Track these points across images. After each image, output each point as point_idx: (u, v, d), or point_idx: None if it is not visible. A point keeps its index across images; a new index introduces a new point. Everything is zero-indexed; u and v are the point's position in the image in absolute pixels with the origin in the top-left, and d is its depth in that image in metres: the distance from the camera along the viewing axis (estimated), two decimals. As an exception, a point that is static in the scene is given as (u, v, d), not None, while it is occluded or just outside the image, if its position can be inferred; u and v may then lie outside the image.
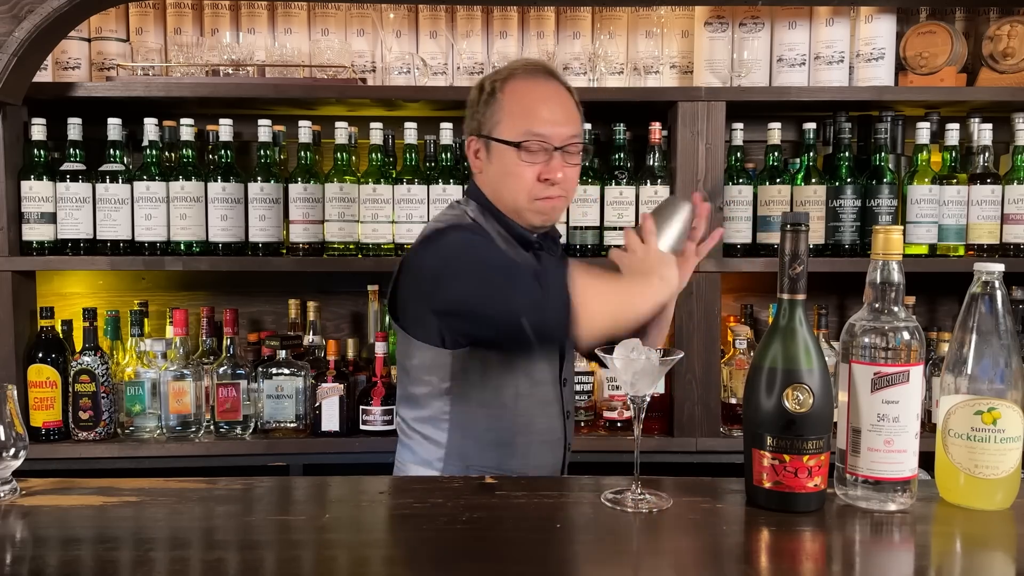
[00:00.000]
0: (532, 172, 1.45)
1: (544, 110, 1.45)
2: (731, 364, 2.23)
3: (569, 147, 1.46)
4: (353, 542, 1.01)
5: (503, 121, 1.46)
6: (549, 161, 1.44)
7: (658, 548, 0.99)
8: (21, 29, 1.78)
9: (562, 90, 1.50)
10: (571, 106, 1.50)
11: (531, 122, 1.44)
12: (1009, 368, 1.08)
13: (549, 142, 1.44)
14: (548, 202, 1.47)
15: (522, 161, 1.44)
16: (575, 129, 1.47)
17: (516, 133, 1.44)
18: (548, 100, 1.47)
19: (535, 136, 1.43)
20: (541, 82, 1.49)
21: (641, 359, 1.08)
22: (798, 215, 1.08)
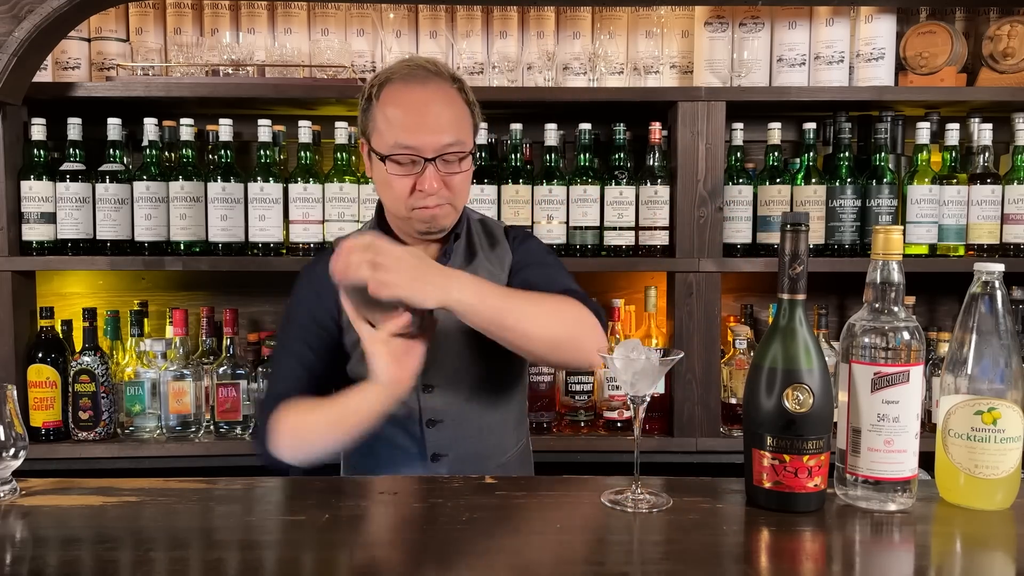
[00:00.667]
0: (404, 184, 1.39)
1: (414, 119, 1.38)
2: (731, 364, 2.23)
3: (446, 156, 1.38)
4: (353, 542, 1.01)
5: (376, 130, 1.42)
6: (422, 172, 1.38)
7: (658, 548, 0.99)
8: (21, 29, 1.78)
9: (442, 92, 1.41)
10: (451, 111, 1.40)
11: (399, 133, 1.37)
12: (1009, 368, 1.08)
13: (419, 154, 1.37)
14: (426, 211, 1.41)
15: (392, 174, 1.39)
16: (453, 136, 1.38)
17: (385, 145, 1.39)
18: (420, 107, 1.38)
19: (404, 149, 1.37)
20: (415, 87, 1.39)
21: (641, 359, 1.08)
22: (798, 215, 1.08)
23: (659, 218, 2.20)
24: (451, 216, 1.46)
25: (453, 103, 1.42)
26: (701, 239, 2.18)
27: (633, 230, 2.21)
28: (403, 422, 1.46)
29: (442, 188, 1.40)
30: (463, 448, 1.48)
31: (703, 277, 2.18)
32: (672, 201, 2.21)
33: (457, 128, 1.40)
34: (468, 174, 1.45)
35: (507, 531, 1.04)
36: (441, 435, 1.47)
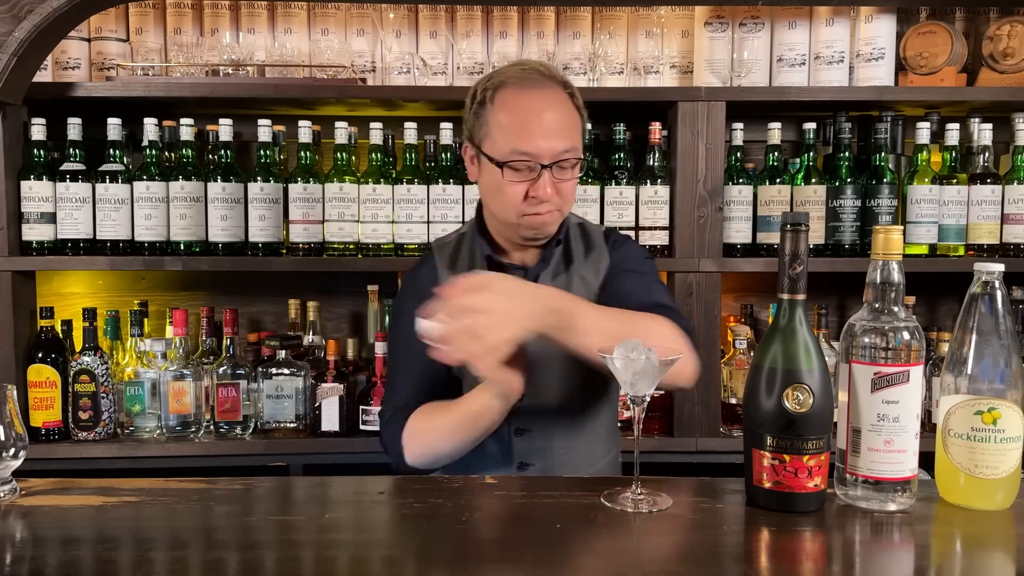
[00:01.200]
0: (518, 190, 1.39)
1: (532, 125, 1.37)
2: (731, 364, 2.23)
3: (561, 162, 1.39)
4: (353, 542, 1.01)
5: (490, 135, 1.41)
6: (537, 179, 1.38)
7: (658, 548, 0.99)
8: (21, 29, 1.78)
9: (556, 98, 1.41)
10: (565, 117, 1.41)
11: (517, 139, 1.37)
12: (1009, 368, 1.08)
13: (536, 160, 1.37)
14: (537, 218, 1.41)
15: (507, 180, 1.39)
16: (568, 143, 1.39)
17: (502, 151, 1.38)
18: (537, 114, 1.38)
19: (521, 156, 1.37)
20: (531, 93, 1.40)
21: (641, 359, 1.08)
22: (798, 215, 1.08)
23: (659, 218, 2.20)
24: (558, 223, 1.47)
25: (566, 109, 1.42)
26: (701, 239, 2.18)
27: (633, 230, 2.21)
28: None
29: (554, 195, 1.40)
30: (550, 458, 1.48)
31: (703, 277, 2.18)
32: (672, 201, 2.21)
33: (571, 134, 1.41)
34: (576, 180, 1.46)
35: (507, 531, 1.04)
36: (529, 444, 1.48)
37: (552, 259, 1.50)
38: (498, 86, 1.41)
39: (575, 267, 1.51)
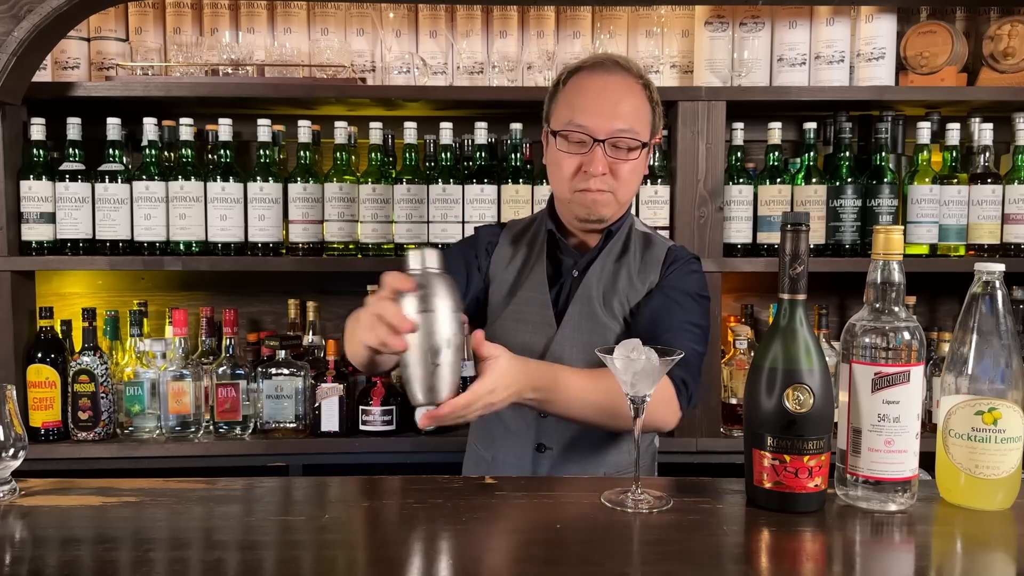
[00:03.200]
0: (571, 162, 1.44)
1: (591, 101, 1.42)
2: (731, 364, 2.23)
3: (616, 141, 1.42)
4: (353, 542, 1.01)
5: (556, 111, 1.48)
6: (590, 152, 1.42)
7: (658, 548, 0.98)
8: (20, 29, 1.77)
9: (624, 82, 1.45)
10: (629, 101, 1.44)
11: (575, 112, 1.42)
12: (1010, 368, 1.08)
13: (590, 134, 1.41)
14: (588, 195, 1.44)
15: (561, 151, 1.44)
16: (627, 123, 1.42)
17: (560, 123, 1.45)
18: (599, 92, 1.43)
19: (576, 127, 1.42)
20: (600, 75, 1.45)
21: (641, 359, 1.08)
22: (798, 215, 1.08)
23: (659, 218, 2.20)
24: (612, 206, 1.48)
25: (634, 95, 1.46)
26: (701, 239, 2.18)
27: (633, 230, 2.21)
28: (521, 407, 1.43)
29: (607, 174, 1.43)
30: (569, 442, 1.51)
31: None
32: (672, 201, 2.20)
33: (633, 117, 1.44)
34: (638, 166, 1.47)
35: (507, 531, 1.04)
36: (550, 426, 1.50)
37: (605, 252, 1.53)
38: (574, 71, 1.48)
39: (626, 264, 1.53)
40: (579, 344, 1.48)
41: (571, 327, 1.50)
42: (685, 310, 1.49)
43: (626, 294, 1.51)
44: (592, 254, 1.54)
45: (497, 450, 1.56)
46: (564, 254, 1.55)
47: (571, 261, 1.55)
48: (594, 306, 1.50)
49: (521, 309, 1.53)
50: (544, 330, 1.51)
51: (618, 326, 1.51)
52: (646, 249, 1.56)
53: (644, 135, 1.45)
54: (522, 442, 1.53)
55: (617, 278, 1.52)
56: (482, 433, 1.61)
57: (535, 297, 1.53)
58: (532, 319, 1.52)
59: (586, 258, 1.54)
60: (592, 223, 1.50)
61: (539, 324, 1.52)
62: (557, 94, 1.49)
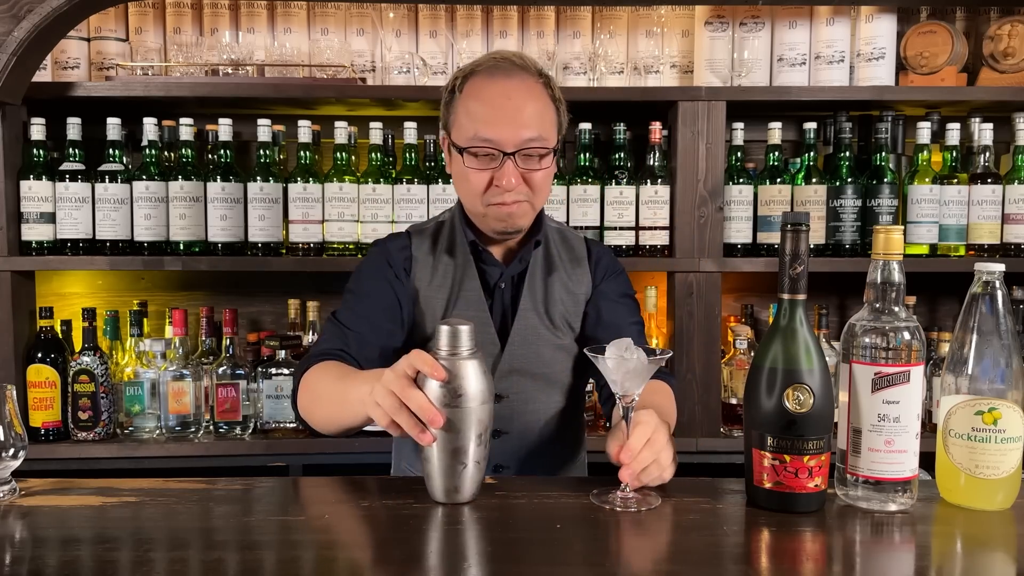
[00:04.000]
0: (481, 178, 1.37)
1: (495, 112, 1.35)
2: (731, 364, 2.23)
3: (527, 151, 1.35)
4: (353, 543, 1.01)
5: (457, 123, 1.40)
6: (500, 167, 1.35)
7: (658, 548, 0.98)
8: (20, 29, 1.78)
9: (525, 86, 1.37)
10: (534, 106, 1.37)
11: (479, 126, 1.35)
12: (1010, 368, 1.08)
13: (499, 148, 1.34)
14: (503, 208, 1.38)
15: (470, 167, 1.38)
16: (535, 131, 1.35)
17: (465, 138, 1.37)
18: (502, 101, 1.35)
19: (482, 142, 1.35)
20: (499, 80, 1.37)
21: (633, 359, 1.07)
22: (798, 215, 1.08)
23: (659, 218, 2.20)
24: (529, 215, 1.43)
25: (537, 98, 1.38)
26: (701, 239, 2.18)
27: (633, 230, 2.21)
28: None
29: (520, 184, 1.38)
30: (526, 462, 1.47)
31: (703, 277, 2.18)
32: (672, 201, 2.20)
33: (539, 123, 1.37)
34: (549, 172, 1.42)
35: (506, 531, 1.04)
36: (504, 447, 1.45)
37: (533, 261, 1.49)
38: (468, 74, 1.40)
39: (558, 275, 1.51)
40: (527, 359, 1.45)
41: (517, 344, 1.46)
42: (629, 310, 1.52)
43: (565, 305, 1.49)
44: (519, 267, 1.49)
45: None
46: (488, 264, 1.49)
47: (497, 272, 1.48)
48: (536, 320, 1.47)
49: None
50: (488, 349, 1.44)
51: (562, 335, 1.48)
52: (567, 249, 1.54)
53: (552, 140, 1.40)
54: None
55: (552, 289, 1.49)
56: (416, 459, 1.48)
57: (474, 316, 1.44)
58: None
59: (512, 271, 1.48)
60: (511, 234, 1.45)
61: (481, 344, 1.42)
62: (454, 101, 1.41)
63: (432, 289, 1.48)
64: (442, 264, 1.49)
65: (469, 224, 1.49)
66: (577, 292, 1.51)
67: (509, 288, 1.49)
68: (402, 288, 1.47)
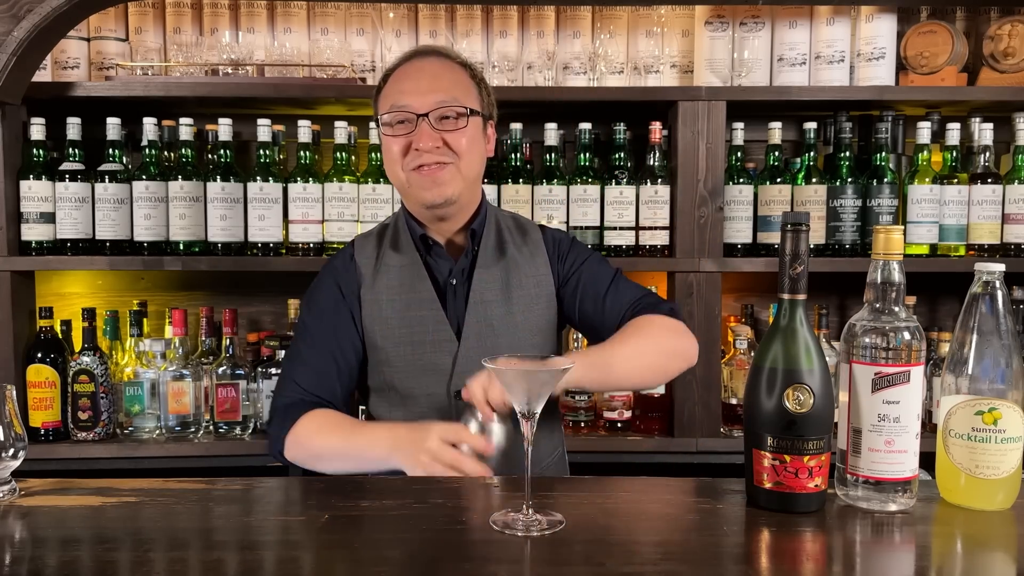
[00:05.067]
0: (399, 144, 1.43)
1: (408, 82, 1.43)
2: (731, 364, 2.23)
3: (441, 112, 1.41)
4: (352, 542, 1.01)
5: (379, 107, 1.47)
6: (417, 130, 1.41)
7: (658, 548, 0.98)
8: (20, 28, 1.77)
9: (440, 61, 1.46)
10: (447, 75, 1.44)
11: (394, 96, 1.43)
12: (1010, 368, 1.08)
13: (411, 111, 1.40)
14: (425, 172, 1.41)
15: (387, 135, 1.44)
16: (446, 95, 1.41)
17: (383, 110, 1.45)
18: (415, 73, 1.44)
19: (397, 108, 1.41)
20: (416, 61, 1.47)
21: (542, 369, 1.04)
22: (799, 215, 1.08)
23: (659, 218, 2.20)
24: (457, 182, 1.44)
25: (453, 72, 1.46)
26: (701, 239, 2.18)
27: (633, 230, 2.21)
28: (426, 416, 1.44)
29: (442, 147, 1.41)
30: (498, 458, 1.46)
31: (703, 277, 2.18)
32: (672, 201, 2.20)
33: (454, 88, 1.43)
34: (475, 137, 1.45)
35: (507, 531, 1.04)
36: None
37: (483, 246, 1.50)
38: (391, 70, 1.48)
39: (511, 253, 1.51)
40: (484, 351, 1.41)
41: (472, 337, 1.46)
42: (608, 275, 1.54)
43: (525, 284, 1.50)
44: (468, 260, 1.50)
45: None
46: (436, 258, 1.50)
47: (447, 267, 1.49)
48: (491, 310, 1.47)
49: (415, 330, 1.47)
50: (446, 347, 1.46)
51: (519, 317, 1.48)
52: (522, 234, 1.55)
53: (470, 102, 1.44)
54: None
55: (508, 273, 1.50)
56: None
57: (427, 315, 1.47)
58: (429, 338, 1.46)
59: (462, 264, 1.49)
60: (441, 207, 1.45)
61: (439, 342, 1.46)
62: (380, 94, 1.49)
63: (378, 291, 1.49)
64: (387, 264, 1.50)
65: (414, 218, 1.51)
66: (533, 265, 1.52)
67: (463, 282, 1.49)
68: (354, 304, 1.50)
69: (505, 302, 1.48)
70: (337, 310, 1.50)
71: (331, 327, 1.49)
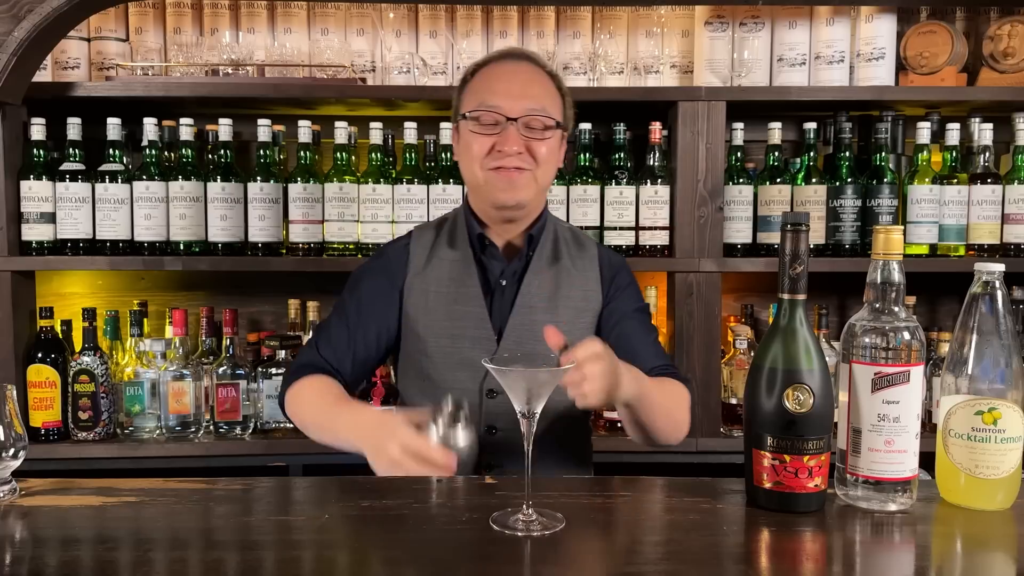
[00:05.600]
0: (484, 142, 1.43)
1: (500, 83, 1.44)
2: (731, 364, 2.23)
3: (530, 120, 1.42)
4: (352, 543, 1.01)
5: (464, 100, 1.48)
6: (503, 132, 1.42)
7: (658, 548, 0.98)
8: (21, 29, 1.77)
9: (532, 69, 1.47)
10: (539, 83, 1.46)
11: (485, 95, 1.44)
12: (1010, 368, 1.08)
13: (503, 113, 1.41)
14: (503, 173, 1.42)
15: (472, 131, 1.44)
16: (537, 104, 1.43)
17: (471, 106, 1.45)
18: (509, 75, 1.45)
19: (487, 107, 1.42)
20: (509, 63, 1.48)
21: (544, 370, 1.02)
22: (798, 215, 1.08)
23: (659, 218, 2.20)
24: (531, 188, 1.46)
25: (542, 80, 1.47)
26: (701, 239, 2.18)
27: (633, 230, 2.21)
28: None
29: (524, 153, 1.42)
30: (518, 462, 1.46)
31: (703, 277, 2.18)
32: (672, 201, 2.20)
33: (544, 98, 1.45)
34: (554, 148, 1.47)
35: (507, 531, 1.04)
36: (500, 443, 1.45)
37: (536, 258, 1.51)
38: (480, 65, 1.49)
39: (564, 264, 1.52)
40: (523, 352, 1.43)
41: (512, 340, 1.46)
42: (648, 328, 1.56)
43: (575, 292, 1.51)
44: (521, 263, 1.50)
45: None
46: (489, 257, 1.51)
47: (498, 268, 1.51)
48: (536, 315, 1.47)
49: (456, 324, 1.48)
50: (484, 345, 1.46)
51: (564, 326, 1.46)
52: (578, 246, 1.56)
53: (557, 116, 1.46)
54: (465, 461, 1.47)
55: (559, 281, 1.50)
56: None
57: (471, 312, 1.48)
58: (470, 334, 1.48)
59: (514, 267, 1.50)
60: (510, 209, 1.46)
61: (478, 339, 1.47)
62: (465, 88, 1.49)
63: (427, 282, 1.51)
64: (440, 257, 1.53)
65: (475, 216, 1.52)
66: (583, 283, 1.52)
67: (512, 284, 1.50)
68: (399, 292, 1.52)
69: (551, 310, 1.49)
70: (376, 297, 1.53)
71: (365, 312, 1.53)
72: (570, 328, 1.48)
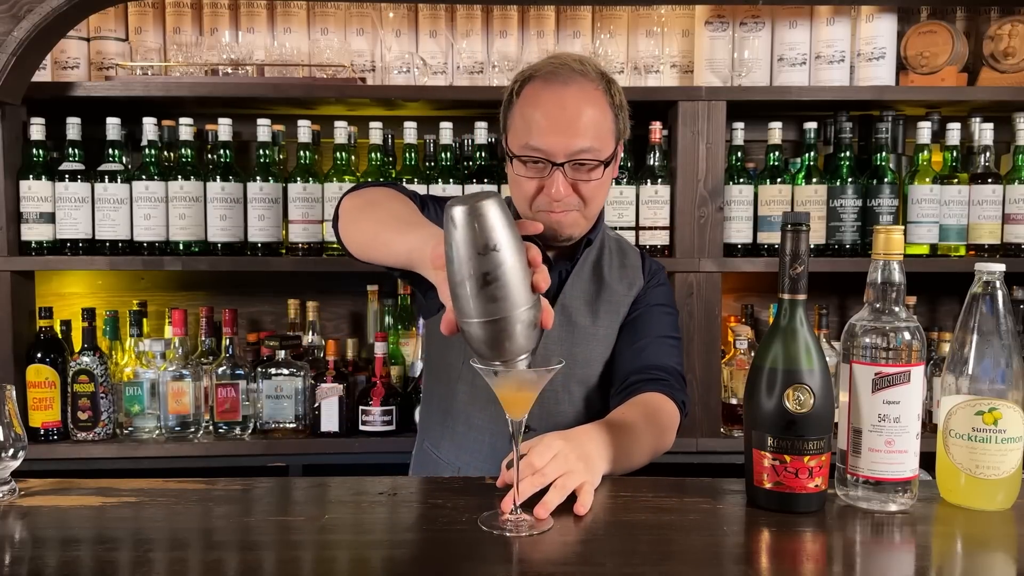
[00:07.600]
0: (530, 186, 1.38)
1: (547, 123, 1.34)
2: (731, 364, 2.23)
3: (577, 162, 1.35)
4: (352, 543, 1.01)
5: (512, 128, 1.41)
6: (549, 176, 1.36)
7: (658, 548, 0.98)
8: (20, 29, 1.77)
9: (582, 94, 1.36)
10: (591, 114, 1.35)
11: (530, 135, 1.35)
12: (1010, 368, 1.08)
13: (549, 158, 1.35)
14: (551, 216, 1.39)
15: (520, 175, 1.39)
16: (588, 142, 1.34)
17: (517, 145, 1.38)
18: (556, 109, 1.34)
19: (532, 150, 1.35)
20: (556, 87, 1.35)
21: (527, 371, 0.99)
22: (799, 215, 1.08)
23: (659, 218, 2.20)
24: (580, 225, 1.43)
25: (594, 105, 1.36)
26: (701, 239, 2.18)
27: (633, 230, 2.21)
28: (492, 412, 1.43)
29: (570, 195, 1.37)
30: None
31: (703, 277, 2.18)
32: (672, 201, 2.20)
33: (594, 133, 1.36)
34: (603, 183, 1.41)
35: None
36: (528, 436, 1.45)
37: (582, 261, 1.50)
38: (526, 79, 1.39)
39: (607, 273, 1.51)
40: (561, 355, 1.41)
41: (553, 340, 1.46)
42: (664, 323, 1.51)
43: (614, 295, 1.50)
44: (567, 265, 1.49)
45: (466, 462, 1.48)
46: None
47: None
48: (576, 317, 1.47)
49: None
50: None
51: (603, 331, 1.48)
52: (623, 255, 1.55)
53: (606, 151, 1.38)
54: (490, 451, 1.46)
55: (600, 284, 1.50)
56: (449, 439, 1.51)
57: None
58: None
59: (558, 269, 1.49)
60: (560, 241, 1.45)
61: None
62: (512, 105, 1.41)
63: None
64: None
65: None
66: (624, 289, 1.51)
67: (554, 285, 1.48)
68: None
69: (590, 313, 1.48)
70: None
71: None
72: (609, 332, 1.49)
